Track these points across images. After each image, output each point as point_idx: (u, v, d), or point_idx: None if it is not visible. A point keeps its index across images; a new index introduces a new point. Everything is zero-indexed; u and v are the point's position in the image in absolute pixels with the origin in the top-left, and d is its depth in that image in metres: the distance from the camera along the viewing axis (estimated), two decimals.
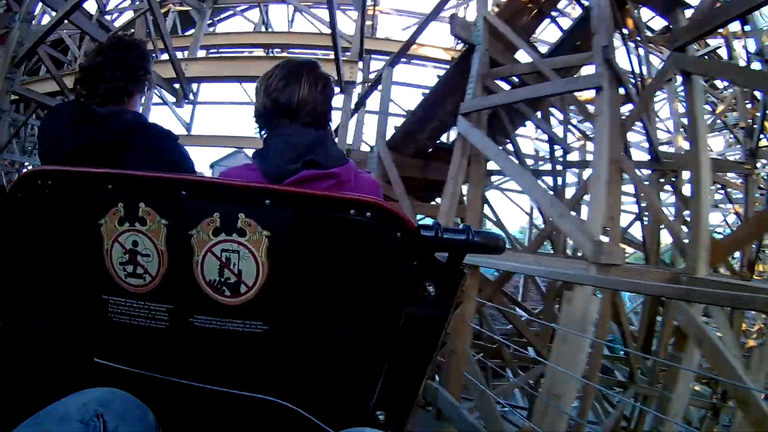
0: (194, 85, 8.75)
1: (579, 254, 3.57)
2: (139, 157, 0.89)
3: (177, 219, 0.66)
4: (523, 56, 4.48)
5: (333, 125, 1.00)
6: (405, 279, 0.67)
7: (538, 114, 5.29)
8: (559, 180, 5.67)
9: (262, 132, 0.95)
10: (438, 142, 5.91)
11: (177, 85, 5.69)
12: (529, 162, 6.61)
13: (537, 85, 3.95)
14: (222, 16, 9.86)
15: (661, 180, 5.04)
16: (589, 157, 5.26)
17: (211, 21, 9.22)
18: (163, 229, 0.66)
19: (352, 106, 5.61)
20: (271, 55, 6.69)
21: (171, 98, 6.41)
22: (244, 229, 0.64)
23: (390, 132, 5.62)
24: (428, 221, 0.72)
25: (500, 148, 4.45)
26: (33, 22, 4.50)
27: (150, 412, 0.55)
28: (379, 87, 5.85)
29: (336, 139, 1.01)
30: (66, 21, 4.32)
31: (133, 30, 6.56)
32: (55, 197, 0.70)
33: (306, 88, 0.90)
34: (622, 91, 3.43)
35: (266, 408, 0.69)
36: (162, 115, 12.04)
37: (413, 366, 0.71)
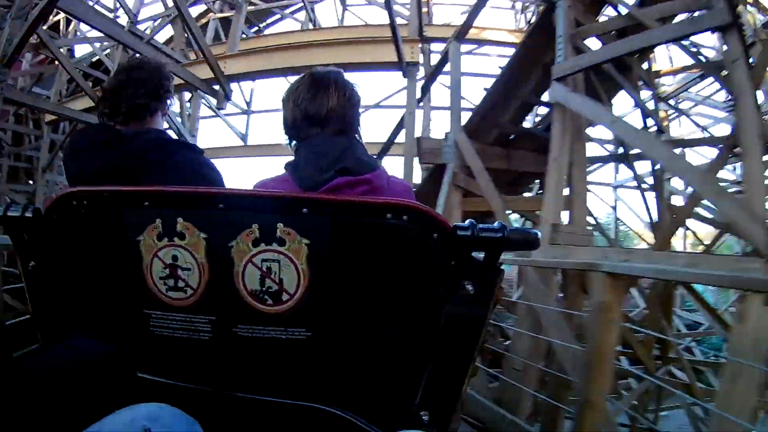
0: (248, 94, 8.54)
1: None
2: (164, 173, 0.90)
3: (216, 232, 0.67)
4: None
5: (362, 129, 1.02)
6: (443, 279, 0.67)
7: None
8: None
9: (292, 143, 0.97)
10: (520, 126, 5.15)
11: (216, 87, 5.52)
12: (610, 148, 5.81)
13: (649, 32, 3.18)
14: (269, 21, 9.79)
15: None
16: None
17: (257, 27, 9.11)
18: (203, 243, 0.67)
19: (418, 92, 5.03)
20: (323, 40, 5.93)
21: (213, 100, 6.22)
22: (283, 239, 0.65)
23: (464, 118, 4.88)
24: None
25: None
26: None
27: (197, 424, 0.56)
28: (447, 67, 5.17)
29: (403, 131, 1.02)
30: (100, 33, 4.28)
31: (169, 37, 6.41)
32: (91, 216, 0.72)
33: (334, 98, 0.92)
34: None
35: (311, 415, 0.70)
36: (215, 126, 11.48)
37: (455, 366, 0.72)
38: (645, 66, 4.56)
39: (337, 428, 0.69)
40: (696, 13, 3.25)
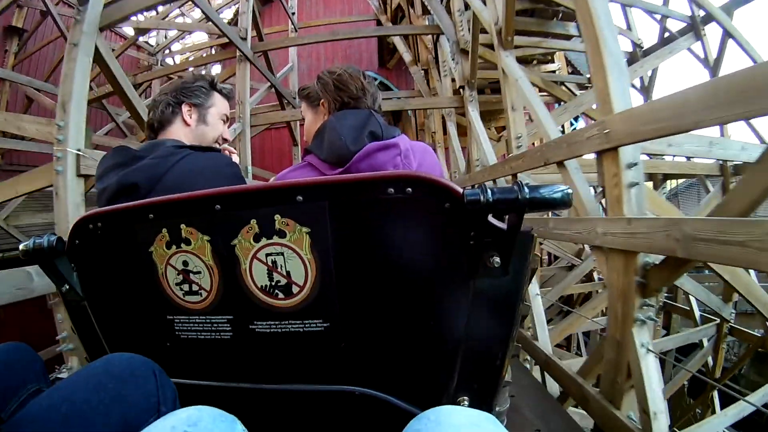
0: None
1: None
2: (178, 180, 0.94)
3: (217, 233, 0.69)
4: None
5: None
6: (465, 251, 0.64)
7: None
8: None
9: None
10: None
11: None
12: None
13: None
14: None
15: None
16: None
17: None
18: (207, 245, 0.70)
19: None
20: None
21: None
22: (283, 230, 0.65)
23: None
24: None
25: None
26: None
27: (238, 421, 0.56)
28: None
29: None
30: None
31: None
32: (107, 236, 0.78)
33: (360, 80, 1.10)
34: None
35: (349, 399, 0.71)
36: None
37: (492, 344, 0.69)
38: None
39: (376, 410, 0.70)
40: None
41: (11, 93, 6.64)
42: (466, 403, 0.71)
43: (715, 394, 4.32)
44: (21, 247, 0.80)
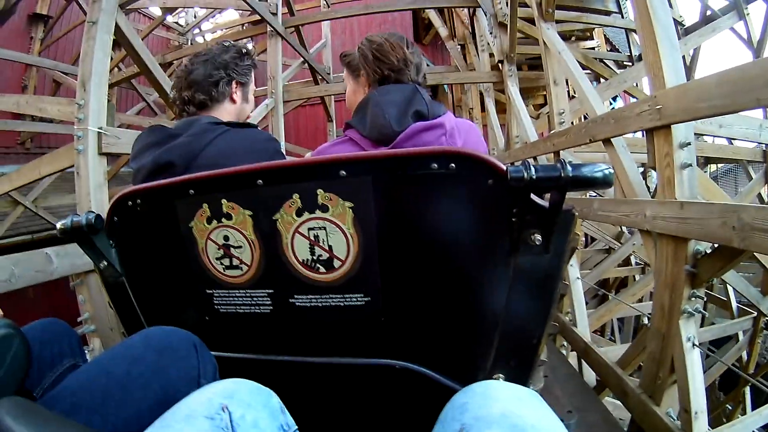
0: None
1: None
2: (214, 157, 1.01)
3: (259, 207, 0.75)
4: None
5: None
6: (506, 228, 0.68)
7: None
8: None
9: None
10: None
11: None
12: None
13: None
14: None
15: None
16: None
17: None
18: (249, 220, 0.76)
19: None
20: None
21: None
22: (326, 205, 0.70)
23: None
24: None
25: None
26: None
27: (274, 394, 0.60)
28: None
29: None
30: None
31: None
32: (147, 213, 0.85)
33: (401, 52, 1.10)
34: None
35: (387, 372, 0.78)
36: None
37: (530, 322, 0.73)
38: None
39: (415, 384, 0.77)
40: None
41: (39, 78, 7.14)
42: (501, 379, 0.77)
43: (747, 390, 4.31)
44: (59, 225, 0.88)
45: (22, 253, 1.76)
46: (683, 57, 5.23)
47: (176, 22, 9.74)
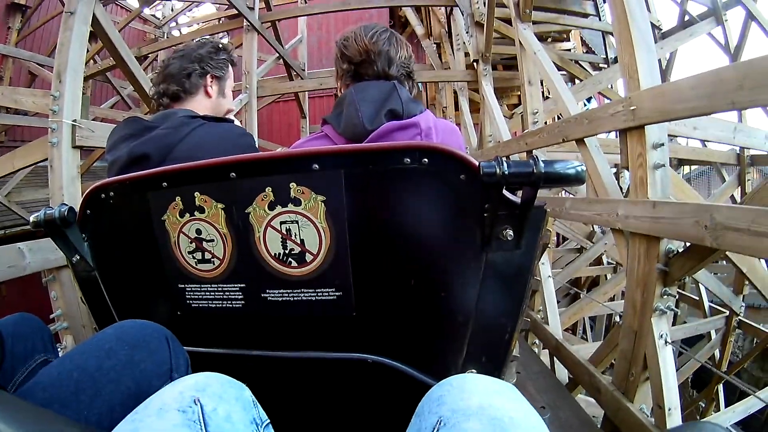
0: None
1: None
2: (190, 150, 1.00)
3: (232, 200, 0.75)
4: None
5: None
6: (478, 224, 0.69)
7: None
8: None
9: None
10: None
11: None
12: None
13: None
14: None
15: None
16: None
17: None
18: (221, 213, 0.75)
19: None
20: None
21: None
22: (298, 198, 0.70)
23: None
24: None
25: None
26: None
27: (246, 388, 0.60)
28: None
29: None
30: None
31: None
32: (120, 205, 0.84)
33: (363, 41, 1.06)
34: None
35: (361, 366, 0.78)
36: None
37: (502, 317, 0.75)
38: None
39: (388, 378, 0.77)
40: None
41: (14, 69, 6.96)
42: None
43: (720, 387, 4.44)
44: (32, 218, 0.86)
45: None
46: (659, 60, 5.38)
47: (153, 15, 9.64)
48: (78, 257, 0.88)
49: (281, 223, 0.73)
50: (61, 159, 2.02)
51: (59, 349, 1.99)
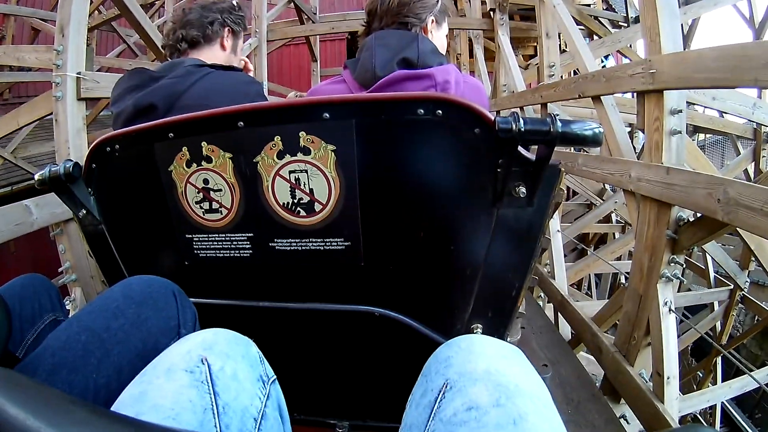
0: None
1: None
2: (197, 98, 0.99)
3: (240, 150, 0.74)
4: None
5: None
6: (491, 179, 0.68)
7: None
8: None
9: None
10: None
11: None
12: None
13: None
14: None
15: None
16: None
17: None
18: (229, 162, 0.74)
19: None
20: None
21: None
22: (308, 147, 0.69)
23: None
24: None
25: None
26: None
27: (252, 344, 0.60)
28: None
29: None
30: None
31: None
32: (126, 158, 0.83)
33: None
34: None
35: (368, 319, 0.79)
36: None
37: (509, 274, 0.74)
38: None
39: (394, 331, 0.78)
40: None
41: (17, 27, 6.88)
42: (479, 330, 0.79)
43: (719, 360, 4.50)
44: (36, 176, 0.86)
45: (0, 208, 1.73)
46: (681, 26, 5.18)
47: None
48: (84, 212, 0.89)
49: (290, 172, 0.72)
50: (66, 112, 1.99)
51: (68, 302, 2.04)
